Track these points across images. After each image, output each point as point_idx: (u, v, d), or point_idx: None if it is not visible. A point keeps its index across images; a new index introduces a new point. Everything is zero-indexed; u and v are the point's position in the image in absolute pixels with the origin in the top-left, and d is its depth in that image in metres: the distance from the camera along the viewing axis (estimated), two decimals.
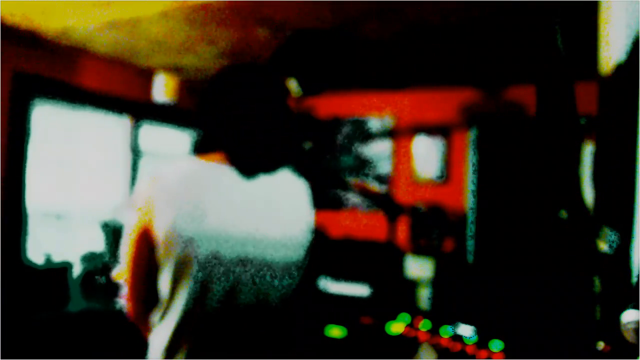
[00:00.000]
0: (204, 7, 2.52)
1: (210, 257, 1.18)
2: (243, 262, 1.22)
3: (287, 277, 1.28)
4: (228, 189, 1.23)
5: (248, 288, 1.23)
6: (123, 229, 3.40)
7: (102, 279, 3.24)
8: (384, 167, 4.27)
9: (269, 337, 1.28)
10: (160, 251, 1.18)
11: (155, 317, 1.26)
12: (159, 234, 1.18)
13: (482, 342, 3.04)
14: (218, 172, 1.24)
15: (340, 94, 4.44)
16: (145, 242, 1.21)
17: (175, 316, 1.20)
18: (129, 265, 1.26)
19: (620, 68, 1.20)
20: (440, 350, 3.10)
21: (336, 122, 4.46)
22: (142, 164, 3.95)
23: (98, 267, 3.26)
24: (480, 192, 3.91)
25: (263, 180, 1.28)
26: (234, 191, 1.23)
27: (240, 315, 1.23)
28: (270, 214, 1.26)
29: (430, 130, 4.10)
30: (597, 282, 1.24)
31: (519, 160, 3.79)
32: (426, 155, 4.11)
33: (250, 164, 1.26)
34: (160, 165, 1.25)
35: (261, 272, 1.24)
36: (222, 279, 1.20)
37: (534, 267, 3.37)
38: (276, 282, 1.26)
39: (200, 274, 1.18)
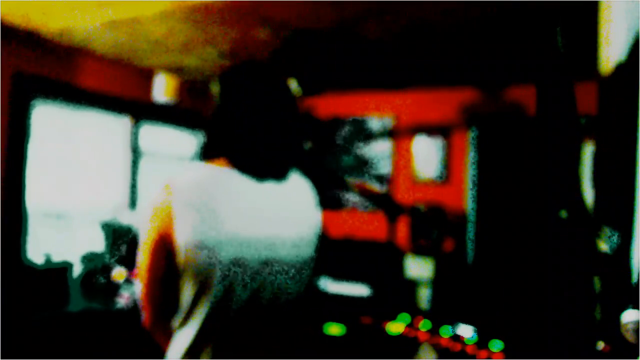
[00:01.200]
0: (204, 7, 2.52)
1: (232, 262, 1.19)
2: (263, 264, 1.23)
3: (300, 276, 1.30)
4: (243, 193, 1.23)
5: (268, 290, 1.24)
6: (123, 229, 3.40)
7: (102, 279, 3.24)
8: (384, 167, 4.27)
9: (282, 335, 1.30)
10: (181, 259, 1.18)
11: (175, 323, 1.26)
12: (179, 242, 1.17)
13: (482, 342, 3.04)
14: (232, 177, 1.24)
15: (340, 94, 4.44)
16: (163, 251, 1.20)
17: (197, 321, 1.20)
18: (146, 273, 1.26)
19: (620, 68, 1.20)
20: (440, 350, 3.10)
21: (336, 122, 4.46)
22: (142, 164, 3.95)
23: (98, 267, 3.26)
24: (480, 192, 3.91)
25: (273, 183, 1.29)
26: (249, 195, 1.24)
27: (261, 316, 1.24)
28: (284, 215, 1.28)
29: (430, 130, 4.10)
30: (597, 282, 1.24)
31: (519, 160, 3.79)
32: (426, 155, 4.11)
33: (261, 168, 1.26)
34: (174, 173, 1.24)
35: (280, 273, 1.26)
36: (244, 283, 1.21)
37: (534, 267, 3.37)
38: (292, 282, 1.28)
39: (223, 280, 1.18)
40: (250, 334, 1.24)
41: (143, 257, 1.26)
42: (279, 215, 1.27)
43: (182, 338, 1.23)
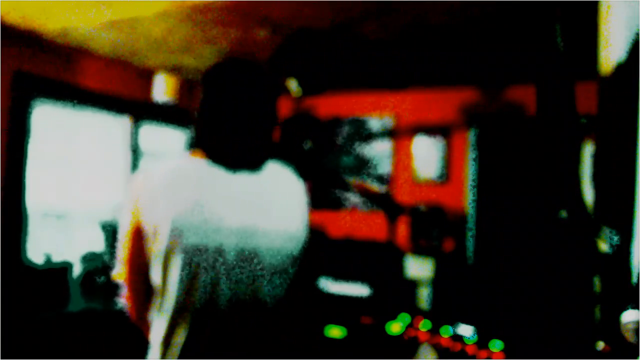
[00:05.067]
0: (204, 7, 2.52)
1: (196, 248, 1.19)
2: (235, 253, 1.22)
3: (279, 271, 1.27)
4: (215, 183, 1.24)
5: (237, 280, 1.23)
6: (121, 222, 3.39)
7: (102, 279, 3.24)
8: (384, 167, 4.27)
9: (262, 333, 1.28)
10: (150, 245, 1.20)
11: (152, 313, 1.27)
12: (148, 228, 1.20)
13: (482, 342, 3.04)
14: (205, 167, 1.26)
15: (340, 94, 4.44)
16: (139, 240, 1.23)
17: (168, 310, 1.21)
18: (126, 264, 1.28)
19: (620, 68, 1.20)
20: (440, 350, 3.10)
21: (336, 122, 4.46)
22: (142, 164, 3.95)
23: (98, 267, 3.26)
24: (480, 192, 3.91)
25: (248, 173, 1.28)
26: (221, 184, 1.25)
27: (229, 307, 1.22)
28: (260, 206, 1.27)
29: (430, 130, 4.10)
30: (597, 282, 1.24)
31: (519, 160, 3.78)
32: (426, 155, 4.11)
33: (232, 158, 1.27)
34: (150, 164, 1.27)
35: (251, 264, 1.24)
36: (210, 270, 1.20)
37: (534, 267, 3.37)
38: (272, 275, 1.26)
39: (187, 266, 1.19)
40: (225, 324, 1.22)
41: (122, 249, 1.28)
42: (255, 206, 1.26)
43: (157, 327, 1.24)
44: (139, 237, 1.23)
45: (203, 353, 1.21)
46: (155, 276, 1.22)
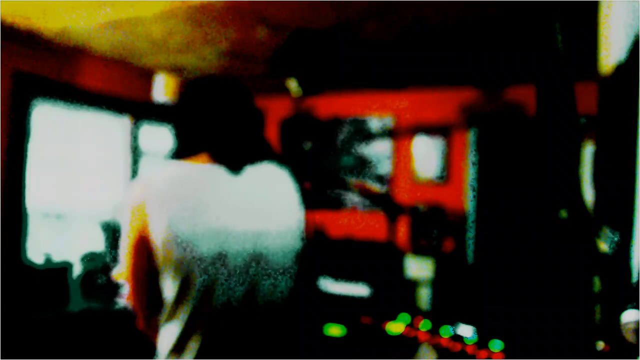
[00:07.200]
0: (204, 7, 2.52)
1: (214, 256, 1.19)
2: (248, 258, 1.24)
3: (285, 270, 1.30)
4: (219, 187, 1.25)
5: (256, 283, 1.24)
6: (122, 229, 3.40)
7: (102, 279, 3.24)
8: (384, 167, 4.27)
9: (273, 333, 1.30)
10: (160, 255, 1.19)
11: (161, 319, 1.26)
12: (156, 238, 1.18)
13: (482, 342, 3.04)
14: (206, 171, 1.26)
15: (340, 94, 4.44)
16: (143, 248, 1.22)
17: (181, 317, 1.21)
18: (130, 272, 1.27)
19: (620, 68, 1.20)
20: (440, 350, 3.10)
21: (336, 122, 4.46)
22: (142, 164, 3.95)
23: (98, 267, 3.26)
24: (480, 192, 3.91)
25: (250, 175, 1.30)
26: (225, 188, 1.25)
27: (243, 310, 1.23)
28: (263, 207, 1.29)
29: (430, 130, 4.10)
30: (597, 282, 1.24)
31: (519, 160, 3.79)
32: (426, 155, 4.11)
33: (235, 158, 1.30)
34: (150, 171, 1.27)
35: (261, 265, 1.26)
36: (229, 277, 1.21)
37: (534, 267, 3.37)
38: (280, 275, 1.29)
39: (205, 274, 1.18)
40: (239, 328, 1.23)
41: (125, 258, 1.27)
42: (259, 207, 1.28)
43: (168, 334, 1.24)
44: (144, 247, 1.21)
45: (217, 357, 1.21)
46: (167, 285, 1.21)
